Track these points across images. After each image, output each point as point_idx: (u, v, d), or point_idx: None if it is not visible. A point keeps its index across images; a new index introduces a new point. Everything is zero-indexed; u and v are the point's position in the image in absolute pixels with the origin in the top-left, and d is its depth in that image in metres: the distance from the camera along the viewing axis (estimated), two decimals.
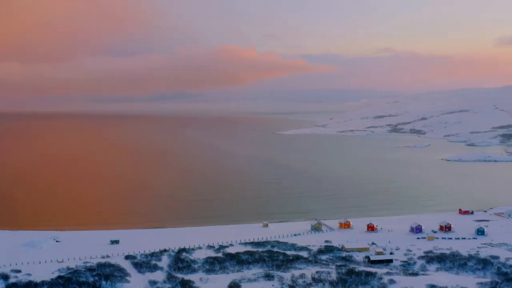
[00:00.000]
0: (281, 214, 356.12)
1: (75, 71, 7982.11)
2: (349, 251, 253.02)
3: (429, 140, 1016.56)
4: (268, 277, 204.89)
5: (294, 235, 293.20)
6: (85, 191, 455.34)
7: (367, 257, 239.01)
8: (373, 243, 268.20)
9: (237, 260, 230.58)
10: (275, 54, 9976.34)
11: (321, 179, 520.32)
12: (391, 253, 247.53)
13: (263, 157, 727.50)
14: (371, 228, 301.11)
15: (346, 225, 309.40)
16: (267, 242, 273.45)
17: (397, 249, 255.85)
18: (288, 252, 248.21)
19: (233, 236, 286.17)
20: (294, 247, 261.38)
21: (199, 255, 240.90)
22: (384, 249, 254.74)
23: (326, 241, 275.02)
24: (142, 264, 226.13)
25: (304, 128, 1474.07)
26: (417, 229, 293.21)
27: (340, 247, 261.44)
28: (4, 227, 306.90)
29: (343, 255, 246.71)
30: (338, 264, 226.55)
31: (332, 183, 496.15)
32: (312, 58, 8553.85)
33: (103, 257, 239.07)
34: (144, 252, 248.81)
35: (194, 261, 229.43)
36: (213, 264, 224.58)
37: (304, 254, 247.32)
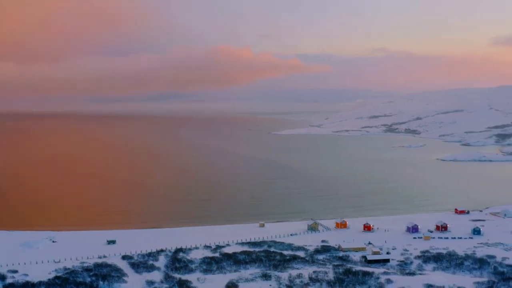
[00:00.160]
0: (277, 214, 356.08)
1: (70, 71, 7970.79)
2: (346, 251, 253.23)
3: (424, 140, 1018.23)
4: (266, 277, 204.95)
5: (291, 235, 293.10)
6: (80, 191, 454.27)
7: (364, 256, 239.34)
8: (370, 243, 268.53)
9: (234, 260, 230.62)
10: (270, 54, 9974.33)
11: (316, 179, 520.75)
12: (388, 253, 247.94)
13: (258, 157, 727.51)
14: (367, 228, 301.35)
15: (342, 225, 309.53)
16: (264, 242, 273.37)
17: (393, 249, 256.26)
18: (285, 252, 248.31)
19: (229, 236, 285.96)
20: (291, 247, 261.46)
21: (196, 255, 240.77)
22: (380, 248, 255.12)
23: (323, 241, 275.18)
24: (139, 264, 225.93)
25: (299, 128, 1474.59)
26: (414, 229, 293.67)
27: (336, 247, 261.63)
28: (0, 227, 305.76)
29: (340, 255, 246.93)
30: (335, 264, 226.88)
31: (328, 183, 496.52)
32: (307, 58, 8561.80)
33: (100, 257, 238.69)
34: (141, 252, 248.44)
35: (191, 261, 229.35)
36: (210, 264, 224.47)
37: (301, 254, 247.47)
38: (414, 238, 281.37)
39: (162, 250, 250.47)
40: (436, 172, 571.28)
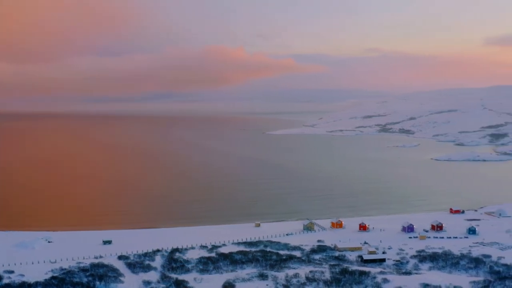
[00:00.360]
0: (272, 214, 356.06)
1: (64, 71, 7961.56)
2: (342, 251, 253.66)
3: (418, 140, 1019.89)
4: (262, 276, 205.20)
5: (287, 234, 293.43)
6: (75, 192, 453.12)
7: (360, 256, 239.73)
8: (366, 243, 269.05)
9: (231, 260, 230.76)
10: (264, 54, 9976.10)
11: (311, 179, 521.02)
12: (384, 253, 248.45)
13: (253, 157, 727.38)
14: (363, 227, 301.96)
15: (338, 225, 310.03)
16: (260, 242, 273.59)
17: (389, 249, 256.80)
18: (281, 252, 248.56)
19: (225, 236, 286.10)
20: (287, 246, 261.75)
21: (192, 255, 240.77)
22: (376, 248, 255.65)
23: (319, 241, 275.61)
24: (136, 264, 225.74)
25: (293, 128, 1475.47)
26: (409, 229, 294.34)
27: (332, 246, 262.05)
28: None
29: (336, 254, 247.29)
30: (331, 263, 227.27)
31: (323, 183, 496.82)
32: (301, 58, 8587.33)
33: (96, 258, 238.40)
34: (137, 252, 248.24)
35: (187, 261, 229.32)
36: (207, 264, 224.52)
37: (297, 253, 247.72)
38: (410, 237, 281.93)
39: (158, 250, 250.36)
40: (431, 172, 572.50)
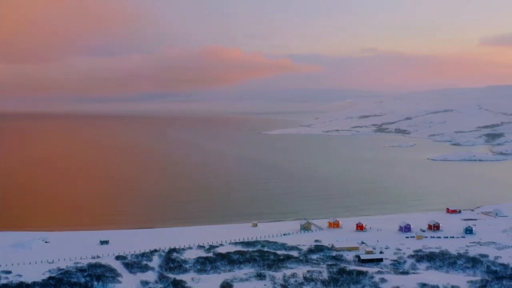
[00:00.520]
0: (269, 214, 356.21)
1: (60, 71, 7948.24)
2: (339, 251, 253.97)
3: (414, 140, 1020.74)
4: (260, 276, 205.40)
5: (284, 234, 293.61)
6: (72, 192, 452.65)
7: (357, 256, 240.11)
8: (363, 242, 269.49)
9: (228, 260, 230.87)
10: (260, 54, 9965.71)
11: (308, 179, 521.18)
12: (381, 252, 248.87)
13: (249, 157, 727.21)
14: (360, 227, 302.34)
15: (335, 225, 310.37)
16: (257, 242, 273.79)
17: (386, 248, 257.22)
18: (279, 252, 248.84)
19: (222, 236, 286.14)
20: (284, 246, 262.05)
21: (189, 255, 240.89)
22: (373, 248, 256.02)
23: (316, 241, 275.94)
24: (133, 264, 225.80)
25: (289, 128, 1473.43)
26: (406, 228, 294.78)
27: (330, 246, 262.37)
28: None
29: (333, 254, 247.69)
30: (329, 263, 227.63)
31: (319, 182, 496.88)
32: (298, 58, 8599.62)
33: (93, 258, 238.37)
34: (134, 252, 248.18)
35: (185, 261, 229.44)
36: (204, 264, 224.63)
37: (295, 253, 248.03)
38: (407, 237, 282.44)
39: (155, 250, 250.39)
40: (427, 172, 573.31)
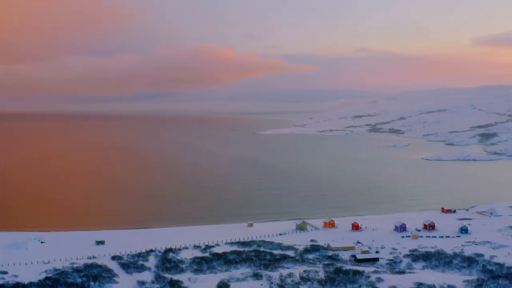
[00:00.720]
0: (265, 214, 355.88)
1: (54, 71, 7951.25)
2: (335, 250, 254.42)
3: (408, 140, 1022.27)
4: (257, 276, 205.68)
5: (279, 234, 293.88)
6: (67, 192, 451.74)
7: (353, 256, 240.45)
8: (359, 242, 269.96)
9: (225, 260, 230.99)
10: (254, 54, 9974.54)
11: (303, 178, 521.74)
12: (377, 252, 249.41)
13: (244, 157, 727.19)
14: (355, 227, 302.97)
15: (330, 224, 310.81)
16: (253, 241, 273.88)
17: (382, 248, 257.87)
18: (275, 252, 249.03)
19: (218, 236, 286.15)
20: (280, 246, 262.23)
21: (186, 255, 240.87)
22: (369, 247, 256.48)
23: (312, 240, 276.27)
24: (129, 264, 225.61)
25: (283, 128, 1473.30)
26: (401, 228, 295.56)
27: (326, 246, 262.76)
28: None
29: (329, 254, 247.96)
30: (325, 263, 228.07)
31: (314, 182, 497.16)
32: (291, 58, 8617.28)
33: (89, 258, 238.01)
34: (131, 252, 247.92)
35: (181, 261, 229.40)
36: (201, 264, 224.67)
37: (291, 253, 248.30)
38: (402, 237, 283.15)
39: (151, 250, 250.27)
40: (422, 172, 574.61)
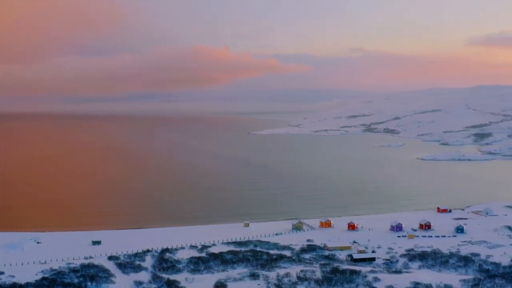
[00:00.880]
0: (261, 214, 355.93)
1: (48, 71, 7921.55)
2: (332, 250, 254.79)
3: (403, 140, 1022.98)
4: (254, 276, 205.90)
5: (276, 234, 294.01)
6: (63, 192, 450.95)
7: (350, 255, 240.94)
8: (355, 242, 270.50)
9: (221, 259, 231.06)
10: (248, 54, 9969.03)
11: (298, 178, 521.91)
12: (373, 252, 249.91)
13: (239, 157, 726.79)
14: (351, 226, 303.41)
15: (327, 224, 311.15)
16: (249, 241, 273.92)
17: (378, 248, 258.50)
18: (271, 252, 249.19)
19: (214, 236, 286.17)
20: (277, 246, 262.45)
21: (182, 255, 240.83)
22: (366, 247, 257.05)
23: (308, 240, 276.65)
24: (126, 264, 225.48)
25: (278, 128, 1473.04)
26: (397, 228, 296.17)
27: (322, 246, 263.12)
28: None
29: (325, 253, 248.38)
30: (321, 262, 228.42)
31: (310, 182, 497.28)
32: (285, 58, 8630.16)
33: (86, 258, 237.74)
34: (127, 252, 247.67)
35: (178, 261, 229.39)
36: (198, 264, 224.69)
37: (287, 253, 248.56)
38: (398, 236, 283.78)
39: (148, 251, 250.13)
40: (417, 172, 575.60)
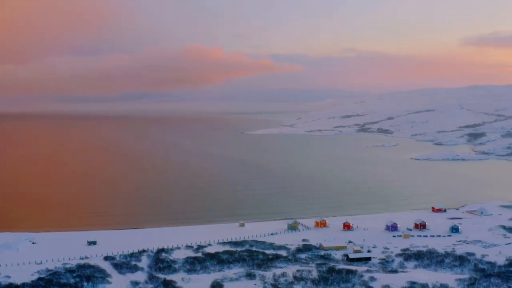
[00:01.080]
0: (256, 214, 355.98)
1: (41, 71, 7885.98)
2: (327, 250, 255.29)
3: (397, 140, 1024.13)
4: (250, 276, 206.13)
5: (271, 234, 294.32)
6: (59, 192, 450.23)
7: (346, 255, 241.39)
8: (350, 242, 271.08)
9: (218, 259, 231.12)
10: (242, 54, 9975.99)
11: (293, 178, 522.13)
12: (369, 251, 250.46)
13: (233, 157, 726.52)
14: (347, 226, 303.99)
15: (322, 224, 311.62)
16: (245, 241, 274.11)
17: (374, 247, 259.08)
18: (267, 251, 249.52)
19: (210, 236, 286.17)
20: (273, 246, 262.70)
21: (178, 255, 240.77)
22: (361, 247, 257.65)
23: (304, 240, 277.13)
24: (122, 264, 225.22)
25: (272, 128, 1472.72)
26: (393, 227, 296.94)
27: (318, 245, 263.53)
28: None
29: (321, 253, 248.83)
30: (317, 262, 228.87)
31: (305, 182, 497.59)
32: (279, 58, 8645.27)
33: (81, 258, 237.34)
34: (123, 252, 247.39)
35: (174, 261, 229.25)
36: (194, 264, 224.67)
37: (283, 253, 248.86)
38: (394, 236, 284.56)
39: (144, 251, 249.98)
40: (411, 171, 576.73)
